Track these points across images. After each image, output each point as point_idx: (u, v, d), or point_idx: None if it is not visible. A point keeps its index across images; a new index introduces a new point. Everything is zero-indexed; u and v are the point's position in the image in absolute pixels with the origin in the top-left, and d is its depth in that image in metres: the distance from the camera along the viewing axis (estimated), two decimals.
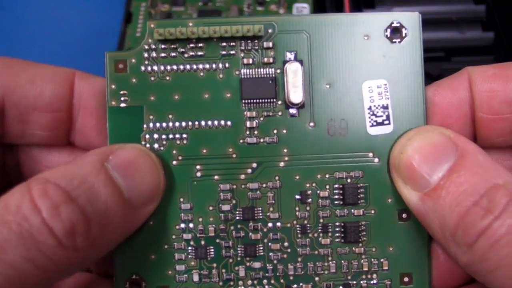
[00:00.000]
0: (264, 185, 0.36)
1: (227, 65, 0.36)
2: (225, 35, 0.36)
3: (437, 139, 0.32)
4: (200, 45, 0.36)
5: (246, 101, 0.36)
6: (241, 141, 0.36)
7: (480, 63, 0.36)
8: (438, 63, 0.58)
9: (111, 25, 0.68)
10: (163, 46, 0.36)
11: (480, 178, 0.29)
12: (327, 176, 0.36)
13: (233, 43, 0.36)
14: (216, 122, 0.36)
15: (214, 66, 0.36)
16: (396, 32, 0.36)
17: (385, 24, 0.36)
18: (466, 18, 0.62)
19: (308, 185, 0.36)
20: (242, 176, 0.36)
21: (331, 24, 0.36)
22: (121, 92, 0.36)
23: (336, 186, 0.36)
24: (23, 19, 0.72)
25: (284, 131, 0.36)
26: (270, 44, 0.36)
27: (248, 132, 0.36)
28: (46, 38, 0.71)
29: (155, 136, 0.36)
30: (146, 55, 0.36)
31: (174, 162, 0.36)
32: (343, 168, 0.36)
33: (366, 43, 0.36)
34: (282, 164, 0.36)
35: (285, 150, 0.36)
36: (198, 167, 0.36)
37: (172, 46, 0.36)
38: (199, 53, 0.36)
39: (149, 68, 0.36)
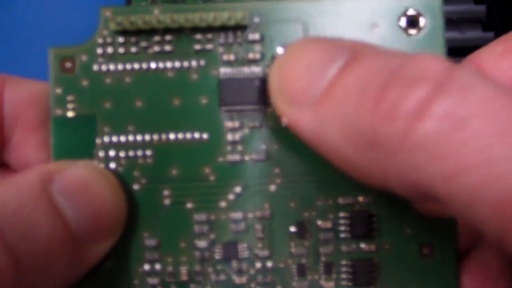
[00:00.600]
0: (250, 215, 0.30)
1: (202, 62, 0.31)
2: (200, 24, 0.30)
3: (322, 44, 0.28)
4: (169, 38, 0.31)
5: (226, 108, 0.30)
6: (220, 159, 0.30)
7: None
8: None
9: None
10: (121, 40, 0.30)
11: (386, 60, 0.26)
12: (329, 202, 0.31)
13: (210, 35, 0.31)
14: (188, 135, 0.30)
15: (186, 64, 0.31)
16: (412, 21, 0.31)
17: (398, 11, 0.31)
18: (466, 18, 0.62)
19: (306, 214, 0.31)
20: (223, 204, 0.30)
21: (331, 12, 0.31)
22: (69, 98, 0.30)
23: (342, 215, 0.31)
24: (20, 18, 0.73)
25: (276, 146, 0.30)
26: (257, 36, 0.31)
27: (229, 148, 0.30)
28: (44, 38, 0.71)
29: (111, 153, 0.30)
30: (100, 51, 0.30)
31: (136, 187, 0.30)
32: (349, 192, 0.31)
33: (374, 35, 0.31)
34: (273, 187, 0.31)
35: (277, 170, 0.30)
36: (166, 192, 0.30)
37: (133, 39, 0.31)
38: (167, 48, 0.31)
39: (104, 68, 0.30)
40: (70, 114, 0.30)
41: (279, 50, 0.30)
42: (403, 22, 0.31)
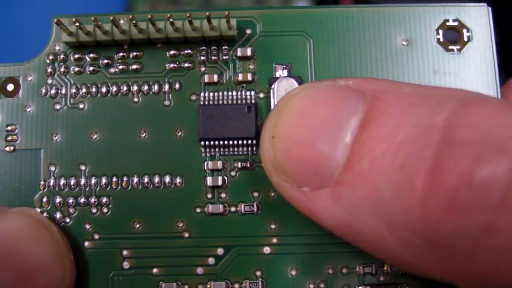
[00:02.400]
0: (236, 286, 0.25)
1: (177, 85, 0.26)
2: (175, 35, 0.26)
3: (326, 96, 0.23)
4: (135, 53, 0.26)
5: (207, 143, 0.26)
6: (197, 210, 0.26)
7: None
8: None
9: None
10: (77, 56, 0.27)
11: (418, 113, 0.20)
12: (344, 270, 0.25)
13: (189, 50, 0.26)
14: (157, 179, 0.26)
15: (156, 87, 0.26)
16: (453, 35, 0.27)
17: (435, 22, 0.27)
18: None
19: (311, 286, 0.25)
20: (199, 270, 0.26)
21: (346, 22, 0.26)
22: (8, 128, 0.26)
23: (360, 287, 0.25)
24: (20, 18, 0.73)
25: (273, 194, 0.26)
26: (248, 52, 0.26)
27: (209, 196, 0.26)
28: (44, 38, 0.69)
29: (58, 199, 0.26)
30: (49, 69, 0.27)
31: (87, 243, 0.26)
32: (369, 256, 0.25)
33: (405, 52, 0.26)
34: (267, 249, 0.26)
35: (273, 226, 0.26)
36: (125, 252, 0.25)
37: (92, 54, 0.27)
38: (134, 65, 0.26)
39: (53, 90, 0.26)
40: (8, 148, 0.26)
41: (281, 72, 0.25)
42: (441, 35, 0.27)
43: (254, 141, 0.25)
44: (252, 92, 0.25)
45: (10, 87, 0.26)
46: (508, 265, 0.19)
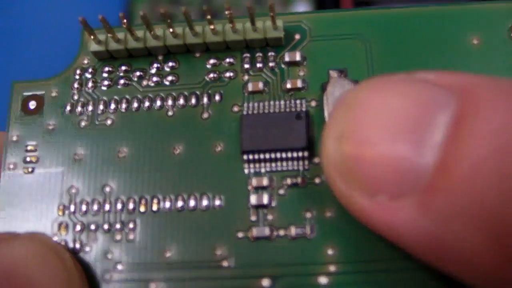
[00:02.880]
0: None
1: (217, 96, 0.25)
2: (214, 39, 0.25)
3: (407, 89, 0.20)
4: (171, 63, 0.26)
5: (250, 156, 0.24)
6: (240, 234, 0.23)
7: None
8: None
9: (111, 24, 0.73)
10: (107, 68, 0.26)
11: None
12: None
13: (230, 58, 0.25)
14: (192, 202, 0.24)
15: (193, 99, 0.25)
16: None
17: (509, 18, 0.25)
18: None
19: None
20: None
21: (408, 22, 0.25)
22: (28, 148, 0.25)
23: None
24: (20, 19, 0.75)
25: (328, 214, 0.23)
26: (298, 57, 0.25)
27: (254, 218, 0.23)
28: (44, 38, 0.73)
29: (78, 226, 0.24)
30: (76, 84, 0.26)
31: (109, 276, 0.23)
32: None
33: (475, 53, 0.24)
34: (323, 280, 0.22)
35: (330, 252, 0.23)
36: (154, 286, 0.23)
37: (123, 67, 0.26)
38: (169, 77, 0.25)
39: (79, 107, 0.26)
40: (26, 168, 0.25)
41: (333, 87, 0.23)
42: None
43: (306, 153, 0.24)
44: (303, 101, 0.24)
45: (33, 104, 0.26)
46: None
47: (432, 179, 0.19)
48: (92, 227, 0.24)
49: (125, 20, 0.25)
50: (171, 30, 0.25)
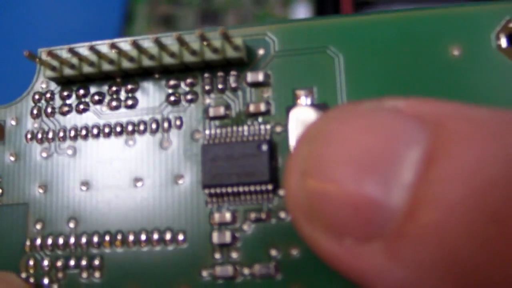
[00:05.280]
0: None
1: (177, 122, 0.26)
2: (170, 61, 0.25)
3: (374, 121, 0.20)
4: (130, 86, 0.27)
5: (212, 191, 0.25)
6: (204, 273, 0.25)
7: None
8: None
9: (111, 25, 0.77)
10: (65, 93, 0.27)
11: (504, 141, 0.18)
12: None
13: (191, 79, 0.26)
14: (156, 236, 0.25)
15: (154, 125, 0.26)
16: None
17: (494, 25, 0.25)
18: None
19: None
20: None
21: (382, 31, 0.25)
22: None
23: None
24: (21, 19, 0.79)
25: (294, 252, 0.24)
26: (261, 77, 0.26)
27: (218, 256, 0.25)
28: (44, 38, 0.74)
29: (45, 262, 0.26)
30: (35, 110, 0.28)
31: None
32: None
33: (457, 65, 0.25)
34: None
35: None
36: None
37: (80, 91, 0.27)
38: (128, 101, 0.27)
39: (40, 135, 0.27)
40: None
41: (303, 99, 0.24)
42: (503, 41, 0.25)
43: (270, 187, 0.25)
44: (267, 126, 0.25)
45: None
46: None
47: (400, 223, 0.19)
48: (59, 263, 0.26)
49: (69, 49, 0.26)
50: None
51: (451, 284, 0.18)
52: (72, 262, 0.26)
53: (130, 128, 0.26)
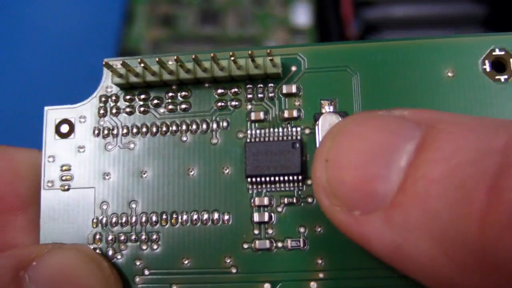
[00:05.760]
0: None
1: (224, 123, 0.32)
2: (220, 74, 0.32)
3: (382, 123, 0.26)
4: (184, 93, 0.33)
5: (254, 179, 0.31)
6: (245, 245, 0.31)
7: None
8: None
9: (111, 25, 0.81)
10: (127, 97, 0.33)
11: (479, 134, 0.24)
12: None
13: (235, 89, 0.32)
14: (205, 216, 0.31)
15: (204, 125, 0.32)
16: (499, 64, 0.31)
17: (480, 53, 0.31)
18: (466, 18, 0.74)
19: None
20: None
21: (391, 55, 0.31)
22: (63, 168, 0.33)
23: None
24: (21, 19, 0.83)
25: (318, 229, 0.31)
26: (294, 89, 0.32)
27: (257, 231, 0.31)
28: (44, 38, 0.82)
29: (109, 236, 0.32)
30: (102, 110, 0.33)
31: (138, 279, 0.31)
32: None
33: (450, 84, 0.31)
34: (313, 285, 0.30)
35: (320, 261, 0.30)
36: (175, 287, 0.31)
37: (142, 95, 0.33)
38: (182, 105, 0.33)
39: (106, 131, 0.33)
40: (63, 186, 0.33)
41: (327, 107, 0.30)
42: (487, 65, 0.31)
43: (300, 177, 0.31)
44: (298, 129, 0.32)
45: (65, 128, 0.33)
46: None
47: (395, 197, 0.25)
48: (122, 237, 0.31)
49: (140, 60, 0.31)
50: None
51: (433, 243, 0.24)
52: (133, 237, 0.31)
53: (184, 127, 0.32)
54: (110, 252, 0.32)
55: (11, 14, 0.83)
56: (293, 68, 0.32)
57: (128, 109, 0.33)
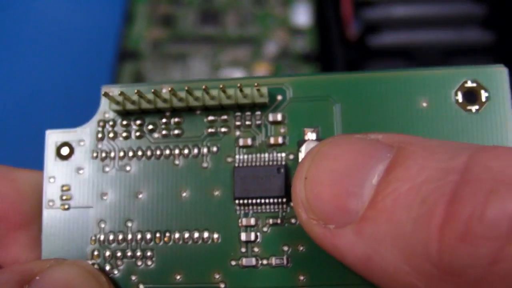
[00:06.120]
0: None
1: (214, 148, 0.35)
2: (211, 103, 0.35)
3: (357, 145, 0.29)
4: (176, 119, 0.36)
5: (241, 201, 0.34)
6: (233, 262, 0.34)
7: (480, 63, 0.34)
8: None
9: (111, 25, 0.84)
10: (124, 122, 0.36)
11: (443, 157, 0.26)
12: None
13: (225, 116, 0.35)
14: (196, 235, 0.34)
15: (196, 150, 0.35)
16: (471, 96, 0.33)
17: (453, 85, 0.34)
18: (466, 18, 0.77)
19: None
20: None
21: (370, 87, 0.34)
22: (63, 188, 0.36)
23: None
24: (21, 19, 0.86)
25: (301, 248, 0.33)
26: (279, 117, 0.35)
27: (244, 250, 0.34)
28: (44, 38, 0.85)
29: (107, 253, 0.35)
30: (100, 134, 0.36)
31: None
32: None
33: (425, 114, 0.33)
34: None
35: (302, 278, 0.33)
36: None
37: (137, 121, 0.36)
38: (175, 131, 0.35)
39: (104, 154, 0.36)
40: (63, 206, 0.35)
41: (309, 135, 0.34)
42: (460, 96, 0.33)
43: (284, 200, 0.34)
44: (283, 154, 0.34)
45: (65, 151, 0.36)
46: None
47: (366, 211, 0.27)
48: (119, 254, 0.34)
49: (137, 91, 0.34)
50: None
51: (398, 253, 0.26)
52: (129, 253, 0.34)
53: (176, 151, 0.35)
54: (108, 268, 0.34)
55: (11, 14, 0.86)
56: (279, 98, 0.35)
57: (124, 134, 0.35)
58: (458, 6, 0.77)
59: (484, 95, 0.33)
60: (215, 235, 0.34)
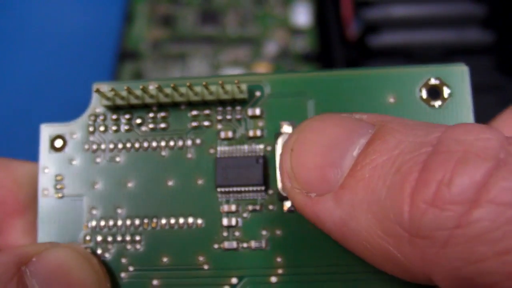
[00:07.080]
0: None
1: (198, 141, 0.39)
2: (195, 98, 0.39)
3: (342, 121, 0.31)
4: (163, 114, 0.40)
5: (223, 189, 0.38)
6: (215, 246, 0.38)
7: (479, 63, 0.34)
8: None
9: (111, 25, 0.88)
10: (114, 116, 0.40)
11: (418, 133, 0.29)
12: None
13: (208, 111, 0.39)
14: (181, 220, 0.38)
15: (180, 142, 0.39)
16: (434, 92, 0.37)
17: (418, 82, 0.37)
18: (466, 18, 0.79)
19: None
20: None
21: (341, 83, 0.38)
22: (57, 178, 0.40)
23: None
24: (22, 19, 0.90)
25: (278, 232, 0.37)
26: (258, 112, 0.39)
27: (225, 234, 0.38)
28: (44, 38, 0.89)
29: (98, 237, 0.39)
30: (91, 128, 0.40)
31: (123, 275, 0.38)
32: (376, 285, 0.36)
33: (392, 109, 0.37)
34: (274, 279, 0.37)
35: (279, 260, 0.37)
36: (155, 282, 0.38)
37: (126, 116, 0.40)
38: (161, 125, 0.39)
39: (95, 146, 0.40)
40: (57, 195, 0.40)
41: (286, 128, 0.36)
42: (424, 93, 0.37)
43: (263, 188, 0.38)
44: (261, 146, 0.38)
45: (59, 143, 0.40)
46: (476, 255, 0.26)
47: (345, 179, 0.30)
48: (109, 239, 0.38)
49: (127, 88, 0.37)
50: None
51: (373, 219, 0.28)
52: (119, 238, 0.38)
53: (163, 144, 0.38)
54: (99, 251, 0.38)
55: (11, 14, 0.89)
56: (258, 94, 0.38)
57: (114, 127, 0.39)
58: (458, 6, 0.79)
59: (446, 91, 0.37)
60: (199, 221, 0.37)
